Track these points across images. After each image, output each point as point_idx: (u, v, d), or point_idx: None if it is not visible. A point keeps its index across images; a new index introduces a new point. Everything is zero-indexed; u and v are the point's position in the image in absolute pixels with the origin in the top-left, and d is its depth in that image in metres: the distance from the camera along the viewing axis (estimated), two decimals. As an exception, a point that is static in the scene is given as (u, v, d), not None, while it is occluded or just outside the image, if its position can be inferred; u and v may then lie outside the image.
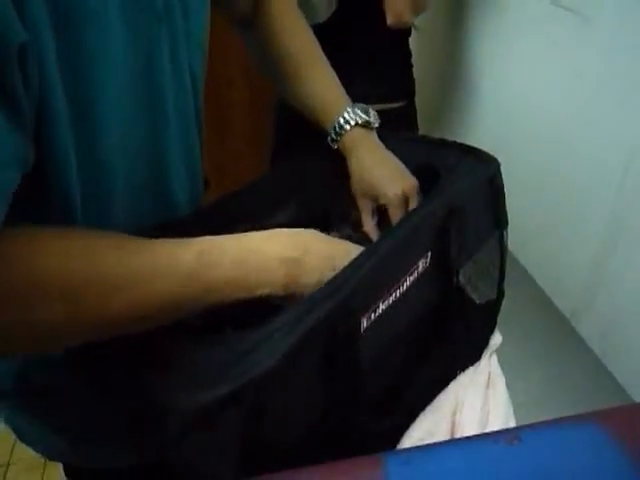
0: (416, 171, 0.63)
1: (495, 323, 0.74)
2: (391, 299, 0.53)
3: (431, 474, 0.30)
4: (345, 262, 0.46)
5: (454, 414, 0.59)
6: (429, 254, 0.57)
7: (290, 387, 0.42)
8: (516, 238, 0.75)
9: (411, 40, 1.14)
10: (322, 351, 0.45)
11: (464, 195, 0.57)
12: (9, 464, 1.40)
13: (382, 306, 0.53)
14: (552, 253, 0.87)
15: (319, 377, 0.46)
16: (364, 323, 0.51)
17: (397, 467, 0.30)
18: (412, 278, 0.56)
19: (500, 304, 0.73)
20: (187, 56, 0.53)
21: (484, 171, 0.61)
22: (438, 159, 0.64)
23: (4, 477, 1.38)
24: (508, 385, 0.65)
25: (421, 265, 0.57)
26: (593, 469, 0.30)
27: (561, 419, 0.34)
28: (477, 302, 0.69)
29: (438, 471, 0.30)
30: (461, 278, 0.63)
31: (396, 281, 0.53)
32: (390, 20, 1.01)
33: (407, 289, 0.56)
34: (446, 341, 0.63)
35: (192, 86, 0.55)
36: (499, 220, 0.67)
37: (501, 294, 0.73)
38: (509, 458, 0.31)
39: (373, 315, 0.52)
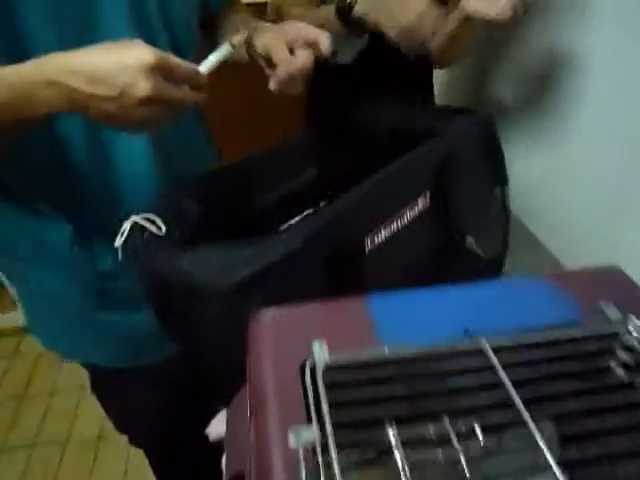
0: (419, 134, 0.71)
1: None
2: (393, 227, 0.62)
3: (405, 301, 0.38)
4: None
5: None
6: (428, 193, 0.65)
7: (299, 279, 0.51)
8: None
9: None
10: (329, 259, 0.54)
11: (458, 140, 0.66)
12: (67, 441, 1.53)
13: (384, 232, 0.61)
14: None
15: (325, 280, 0.54)
16: (368, 244, 0.59)
17: (378, 299, 0.39)
18: (412, 213, 0.64)
19: (504, 260, 0.79)
20: None
21: (477, 121, 0.69)
22: (438, 121, 0.73)
23: (61, 456, 1.50)
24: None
25: (421, 203, 0.65)
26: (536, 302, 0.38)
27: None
28: (482, 255, 0.76)
29: (411, 299, 0.38)
30: (463, 229, 0.71)
31: (396, 210, 0.61)
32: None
33: (408, 223, 0.64)
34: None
35: None
36: (499, 177, 0.75)
37: (505, 248, 0.79)
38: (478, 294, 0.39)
39: (376, 239, 0.60)
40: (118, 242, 0.59)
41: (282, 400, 0.32)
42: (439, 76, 1.07)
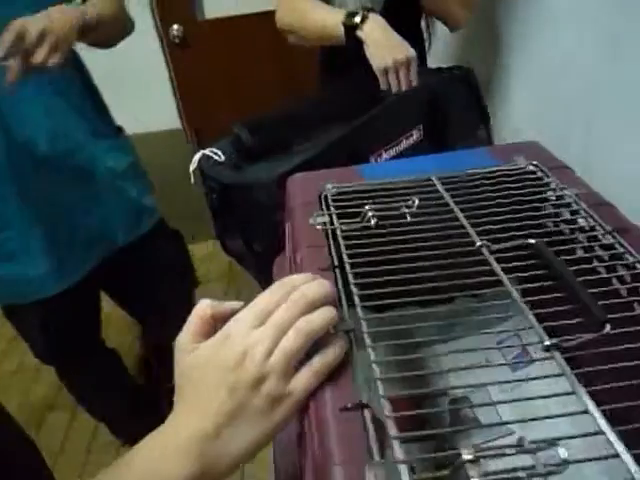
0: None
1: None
2: (392, 152, 0.82)
3: (383, 165, 0.59)
4: None
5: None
6: (421, 126, 0.85)
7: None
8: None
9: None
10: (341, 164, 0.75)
11: (443, 83, 0.86)
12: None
13: (385, 155, 0.82)
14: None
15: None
16: (372, 162, 0.80)
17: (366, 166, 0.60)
18: (409, 141, 0.84)
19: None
20: None
21: (458, 71, 0.89)
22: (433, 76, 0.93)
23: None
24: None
25: (415, 134, 0.85)
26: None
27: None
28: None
29: (387, 164, 0.59)
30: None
31: (396, 136, 0.81)
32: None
33: (404, 150, 0.84)
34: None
35: None
36: (482, 115, 0.94)
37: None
38: (430, 163, 0.59)
39: (379, 159, 0.81)
40: (191, 168, 0.82)
41: (306, 209, 0.53)
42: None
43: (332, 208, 0.50)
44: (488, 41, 1.13)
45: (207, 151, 0.82)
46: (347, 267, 0.42)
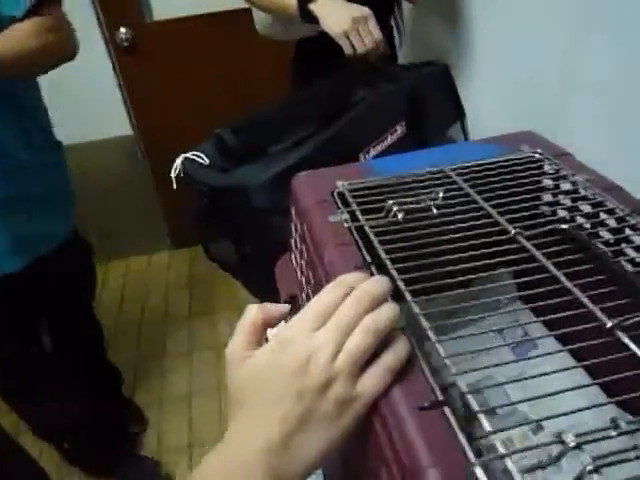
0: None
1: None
2: (379, 148, 0.82)
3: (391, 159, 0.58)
4: None
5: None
6: (404, 122, 0.86)
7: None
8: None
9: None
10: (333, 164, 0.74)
11: (423, 81, 0.87)
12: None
13: (373, 152, 0.81)
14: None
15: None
16: (362, 159, 0.79)
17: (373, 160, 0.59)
18: (394, 137, 0.84)
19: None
20: None
21: (436, 69, 0.90)
22: (409, 72, 0.94)
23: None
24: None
25: (399, 129, 0.85)
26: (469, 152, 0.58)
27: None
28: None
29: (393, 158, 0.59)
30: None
31: (380, 133, 0.81)
32: None
33: (391, 145, 0.84)
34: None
35: None
36: (458, 111, 0.96)
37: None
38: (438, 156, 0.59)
39: (367, 156, 0.80)
40: (173, 174, 0.78)
41: (322, 207, 0.51)
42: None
43: (354, 204, 0.49)
44: (459, 37, 1.15)
45: (189, 155, 0.78)
46: (387, 263, 0.41)
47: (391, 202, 0.47)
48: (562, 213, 0.48)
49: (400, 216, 0.46)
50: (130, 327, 1.99)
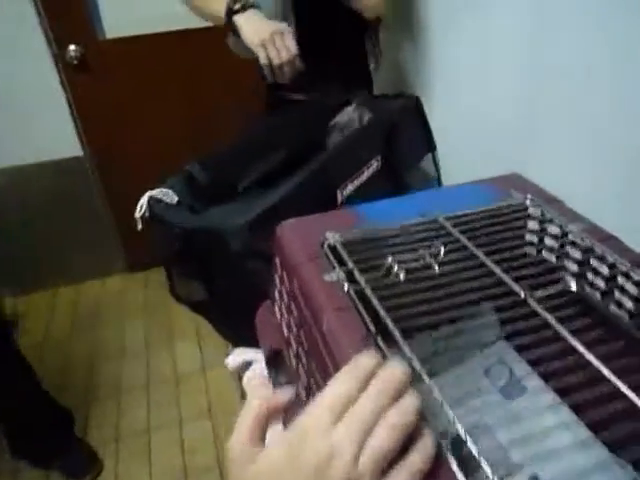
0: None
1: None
2: (357, 182, 0.80)
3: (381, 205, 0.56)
4: None
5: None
6: (379, 157, 0.84)
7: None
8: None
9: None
10: (311, 203, 0.71)
11: (396, 115, 0.85)
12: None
13: (350, 187, 0.79)
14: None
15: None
16: (340, 196, 0.77)
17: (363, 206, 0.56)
18: (370, 171, 0.82)
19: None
20: None
21: (408, 102, 0.89)
22: (377, 102, 0.92)
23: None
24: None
25: (375, 164, 0.83)
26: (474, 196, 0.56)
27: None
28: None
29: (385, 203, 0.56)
30: (407, 180, 0.90)
31: (357, 168, 0.79)
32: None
33: (367, 179, 0.82)
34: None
35: None
36: (429, 143, 0.95)
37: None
38: (427, 201, 0.57)
39: (345, 192, 0.78)
40: (138, 214, 0.73)
41: (313, 263, 0.48)
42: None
43: (349, 262, 0.46)
44: (430, 67, 1.15)
45: (156, 192, 0.73)
46: (396, 334, 0.38)
47: (390, 259, 0.45)
48: (572, 267, 0.47)
49: (402, 276, 0.43)
50: (81, 359, 1.88)
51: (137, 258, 2.18)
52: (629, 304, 0.42)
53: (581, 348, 0.37)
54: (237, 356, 0.78)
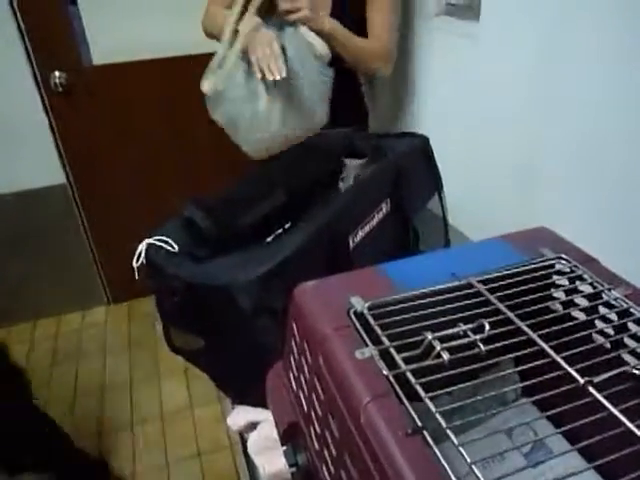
0: (370, 152, 0.87)
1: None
2: (367, 228, 0.76)
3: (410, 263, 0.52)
4: None
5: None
6: (388, 200, 0.80)
7: (304, 272, 0.63)
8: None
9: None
10: (323, 252, 0.67)
11: (406, 157, 0.82)
12: None
13: (361, 233, 0.75)
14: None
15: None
16: (351, 243, 0.73)
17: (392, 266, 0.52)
18: (379, 216, 0.79)
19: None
20: None
21: (417, 142, 0.86)
22: (385, 142, 0.89)
23: None
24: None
25: (384, 207, 0.80)
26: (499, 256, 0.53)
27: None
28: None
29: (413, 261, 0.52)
30: (416, 222, 0.86)
31: (368, 214, 0.75)
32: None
33: (377, 224, 0.78)
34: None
35: None
36: (437, 183, 0.92)
37: (447, 242, 0.96)
38: (456, 259, 0.53)
39: (356, 238, 0.74)
40: (136, 263, 0.68)
41: (340, 336, 0.43)
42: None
43: (383, 337, 0.41)
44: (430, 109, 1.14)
45: (154, 240, 0.68)
46: (450, 435, 0.33)
47: (430, 337, 0.40)
48: (616, 347, 0.43)
49: (446, 357, 0.39)
50: (62, 396, 1.78)
51: (119, 289, 2.11)
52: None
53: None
54: (239, 415, 0.72)
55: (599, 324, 0.47)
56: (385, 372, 0.38)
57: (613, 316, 0.46)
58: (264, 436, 0.68)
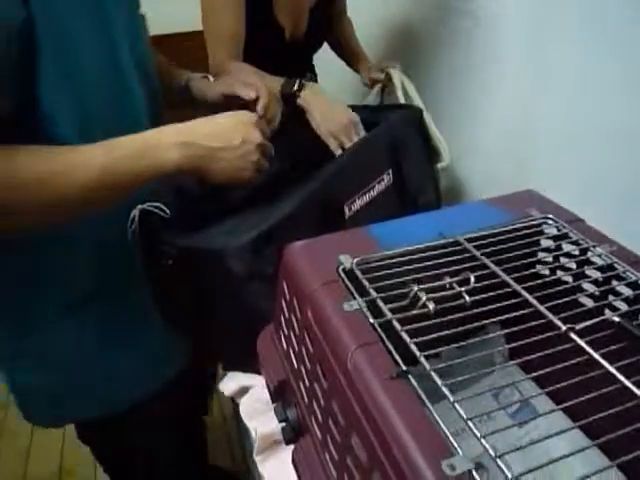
0: (365, 126, 0.86)
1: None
2: (366, 198, 0.76)
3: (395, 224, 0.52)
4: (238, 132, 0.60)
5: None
6: (390, 171, 0.80)
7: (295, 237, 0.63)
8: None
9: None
10: (316, 219, 0.67)
11: (399, 126, 0.82)
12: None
13: (359, 202, 0.75)
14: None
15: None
16: (347, 211, 0.73)
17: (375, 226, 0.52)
18: (380, 187, 0.79)
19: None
20: None
21: (412, 113, 0.86)
22: (379, 114, 0.89)
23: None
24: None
25: (386, 179, 0.80)
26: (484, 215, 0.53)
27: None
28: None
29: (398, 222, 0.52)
30: (415, 194, 0.87)
31: (365, 183, 0.75)
32: None
33: (377, 195, 0.78)
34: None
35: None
36: (433, 155, 0.92)
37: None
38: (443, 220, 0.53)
39: (353, 207, 0.74)
40: (130, 229, 0.68)
41: (328, 290, 0.44)
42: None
43: (370, 289, 0.42)
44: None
45: (147, 205, 0.68)
46: (433, 376, 0.34)
47: (416, 288, 0.41)
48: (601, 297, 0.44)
49: (432, 307, 0.39)
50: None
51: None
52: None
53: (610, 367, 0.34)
54: (231, 381, 0.73)
55: (584, 280, 0.48)
56: (371, 320, 0.39)
57: (598, 272, 0.47)
58: (256, 398, 0.69)
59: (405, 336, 0.37)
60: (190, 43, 1.38)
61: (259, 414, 0.68)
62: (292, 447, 0.50)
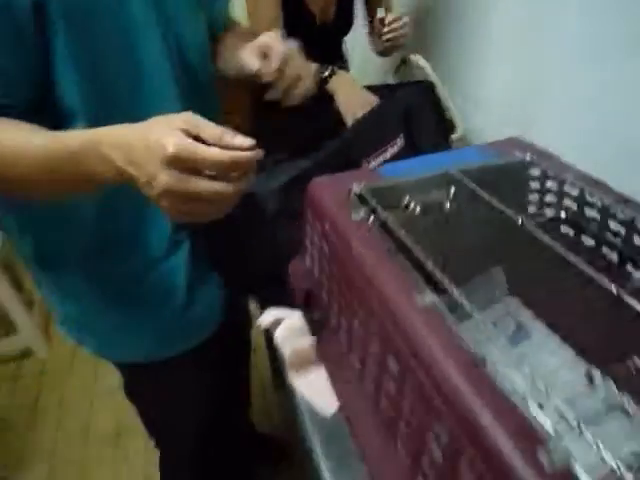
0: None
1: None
2: (381, 159, 0.88)
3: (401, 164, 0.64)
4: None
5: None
6: (402, 135, 0.91)
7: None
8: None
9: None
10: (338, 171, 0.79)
11: (415, 98, 0.93)
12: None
13: (374, 162, 0.87)
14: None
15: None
16: (365, 167, 0.85)
17: (386, 166, 0.64)
18: (393, 150, 0.90)
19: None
20: None
21: (426, 87, 0.97)
22: (398, 91, 1.00)
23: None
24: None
25: (399, 142, 0.91)
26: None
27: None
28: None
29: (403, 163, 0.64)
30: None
31: (381, 144, 0.87)
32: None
33: (390, 158, 0.90)
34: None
35: None
36: (445, 126, 1.02)
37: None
38: (442, 160, 0.65)
39: (370, 165, 0.85)
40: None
41: (342, 208, 0.56)
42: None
43: (373, 202, 0.54)
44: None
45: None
46: (417, 251, 0.45)
47: (407, 198, 0.52)
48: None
49: (418, 210, 0.51)
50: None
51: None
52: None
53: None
54: (267, 315, 0.86)
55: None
56: (370, 220, 0.51)
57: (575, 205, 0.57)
58: (289, 326, 0.81)
59: (396, 228, 0.48)
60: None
61: (293, 338, 0.81)
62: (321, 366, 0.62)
